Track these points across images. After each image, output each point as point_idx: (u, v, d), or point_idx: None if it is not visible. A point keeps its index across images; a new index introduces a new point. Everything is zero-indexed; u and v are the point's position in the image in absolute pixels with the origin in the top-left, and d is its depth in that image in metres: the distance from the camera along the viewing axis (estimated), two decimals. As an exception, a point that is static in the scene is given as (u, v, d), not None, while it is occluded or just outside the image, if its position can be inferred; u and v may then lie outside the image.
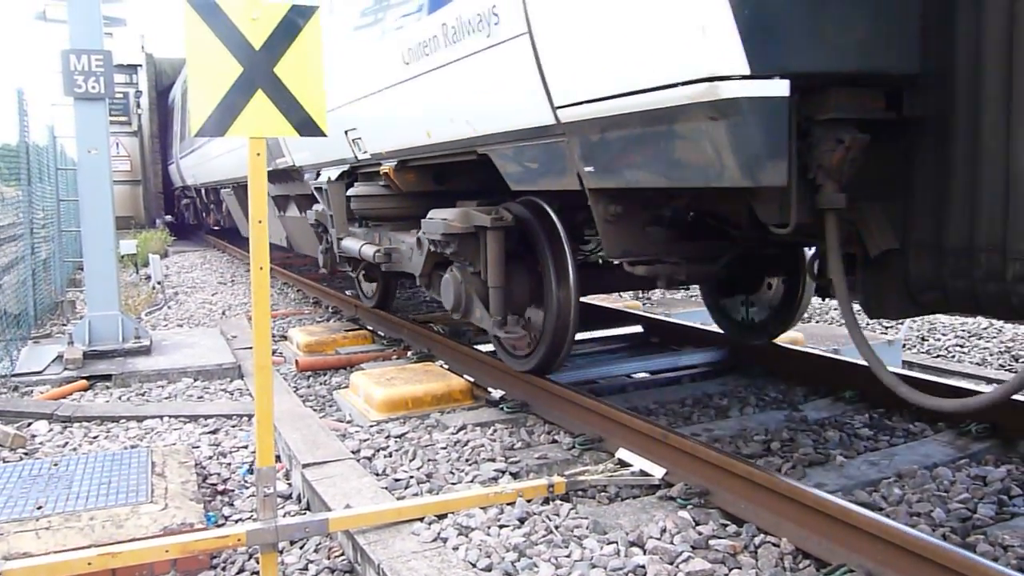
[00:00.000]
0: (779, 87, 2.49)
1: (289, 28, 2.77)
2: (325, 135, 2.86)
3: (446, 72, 4.24)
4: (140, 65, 24.01)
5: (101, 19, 6.65)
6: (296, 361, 6.28)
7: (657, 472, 3.51)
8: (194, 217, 22.13)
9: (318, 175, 7.25)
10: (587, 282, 4.66)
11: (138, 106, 24.40)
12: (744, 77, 2.47)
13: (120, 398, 5.57)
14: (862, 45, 2.62)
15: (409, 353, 6.36)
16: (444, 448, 4.12)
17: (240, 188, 12.97)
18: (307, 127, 2.83)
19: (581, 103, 3.26)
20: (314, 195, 7.55)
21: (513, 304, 4.73)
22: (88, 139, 6.43)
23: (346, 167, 6.54)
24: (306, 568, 3.14)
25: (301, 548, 3.29)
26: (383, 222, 6.26)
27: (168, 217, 23.89)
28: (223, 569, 3.17)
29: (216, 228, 19.70)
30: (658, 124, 2.87)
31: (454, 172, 5.39)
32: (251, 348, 2.83)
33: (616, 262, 4.07)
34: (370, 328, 7.37)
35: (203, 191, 18.74)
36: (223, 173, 13.43)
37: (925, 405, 2.78)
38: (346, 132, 5.89)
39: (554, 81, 3.40)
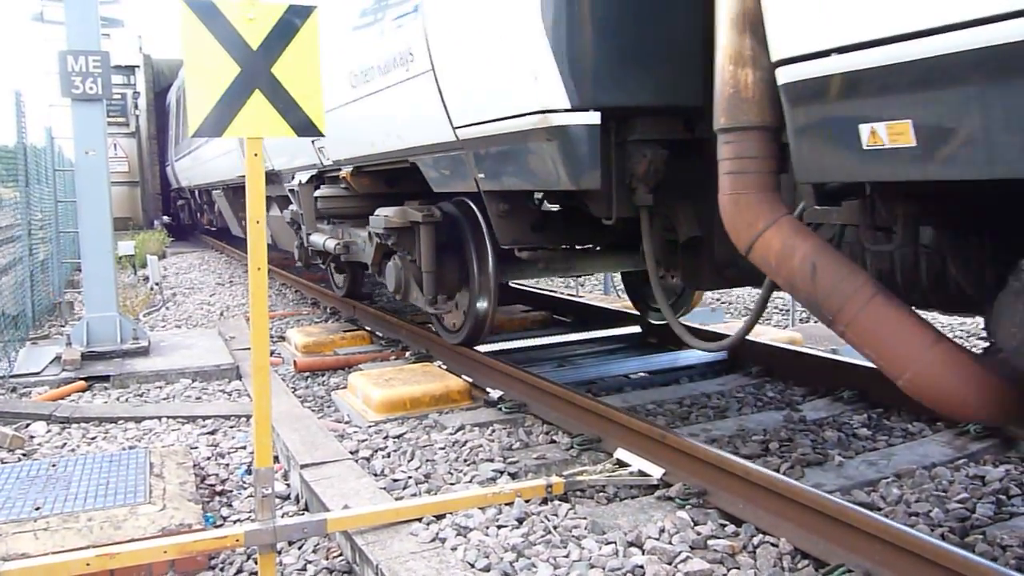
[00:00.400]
0: (592, 117, 3.44)
1: (286, 28, 2.76)
2: (323, 135, 2.87)
3: (381, 96, 5.14)
4: (138, 66, 23.97)
5: (99, 20, 6.65)
6: (294, 362, 6.28)
7: (655, 472, 3.51)
8: (189, 217, 22.71)
9: (292, 178, 8.02)
10: (506, 269, 5.46)
11: (136, 107, 24.36)
12: (567, 110, 3.42)
13: (118, 399, 5.57)
14: (658, 86, 3.57)
15: (407, 354, 6.36)
16: (442, 448, 4.11)
17: (230, 190, 13.82)
18: (305, 128, 2.83)
19: (471, 125, 4.18)
20: (289, 196, 8.48)
21: (445, 287, 5.63)
22: (85, 140, 6.43)
23: (314, 171, 7.35)
24: (304, 569, 3.13)
25: (299, 549, 3.29)
26: (344, 219, 7.14)
27: (165, 218, 23.88)
28: (221, 570, 3.17)
29: (210, 228, 20.21)
30: (519, 142, 3.80)
31: (401, 176, 6.01)
32: (249, 349, 2.83)
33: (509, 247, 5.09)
34: (368, 329, 7.36)
35: (197, 192, 19.27)
36: (215, 175, 14.13)
37: (693, 345, 3.88)
38: (312, 141, 6.81)
39: (452, 107, 4.31)
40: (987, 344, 2.38)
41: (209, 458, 4.36)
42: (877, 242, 2.64)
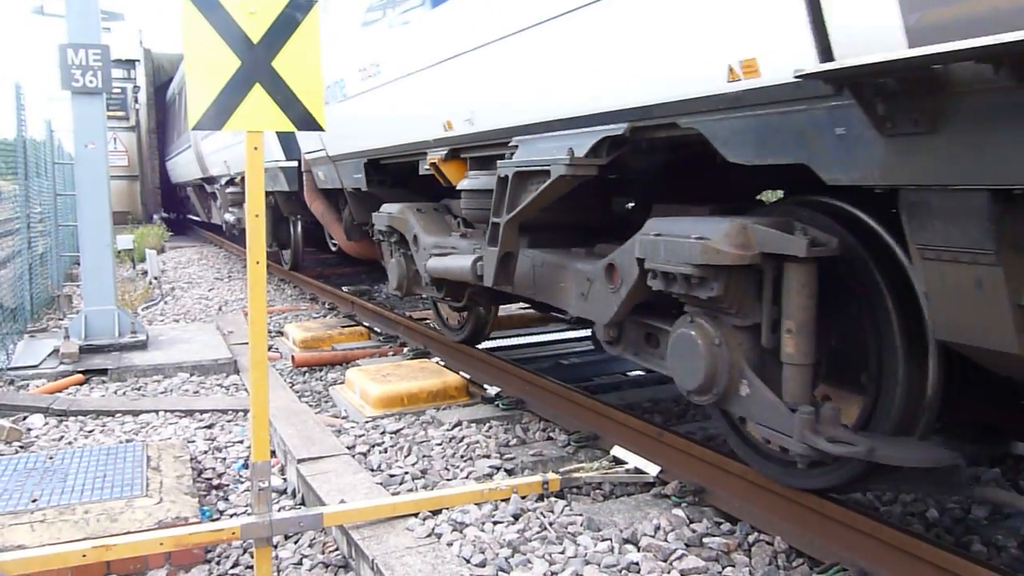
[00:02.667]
0: (293, 163, 9.45)
1: (287, 22, 2.76)
2: (323, 129, 2.87)
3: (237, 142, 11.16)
4: (138, 60, 23.95)
5: (99, 14, 6.64)
6: (292, 357, 6.28)
7: (652, 470, 3.51)
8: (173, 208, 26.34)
9: (217, 181, 15.38)
10: (306, 233, 11.58)
11: (136, 101, 24.35)
12: (285, 160, 9.60)
13: (116, 392, 5.56)
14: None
15: (405, 350, 6.36)
16: (439, 444, 4.12)
17: (194, 187, 19.80)
18: (305, 121, 2.82)
19: (268, 162, 8.79)
20: (216, 192, 16.20)
21: (280, 240, 11.79)
22: (85, 133, 6.42)
23: (228, 176, 13.73)
24: (300, 563, 3.13)
25: (295, 543, 3.29)
26: (240, 205, 12.87)
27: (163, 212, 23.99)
28: (217, 563, 3.17)
29: (187, 215, 24.39)
30: (276, 171, 9.62)
31: None
32: (247, 343, 2.82)
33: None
34: (367, 324, 7.37)
35: (178, 187, 23.73)
36: (187, 176, 19.27)
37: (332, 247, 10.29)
38: (224, 160, 13.47)
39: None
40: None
41: (206, 452, 4.36)
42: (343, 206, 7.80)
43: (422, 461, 3.89)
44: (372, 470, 3.81)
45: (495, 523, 3.10)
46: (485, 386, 4.95)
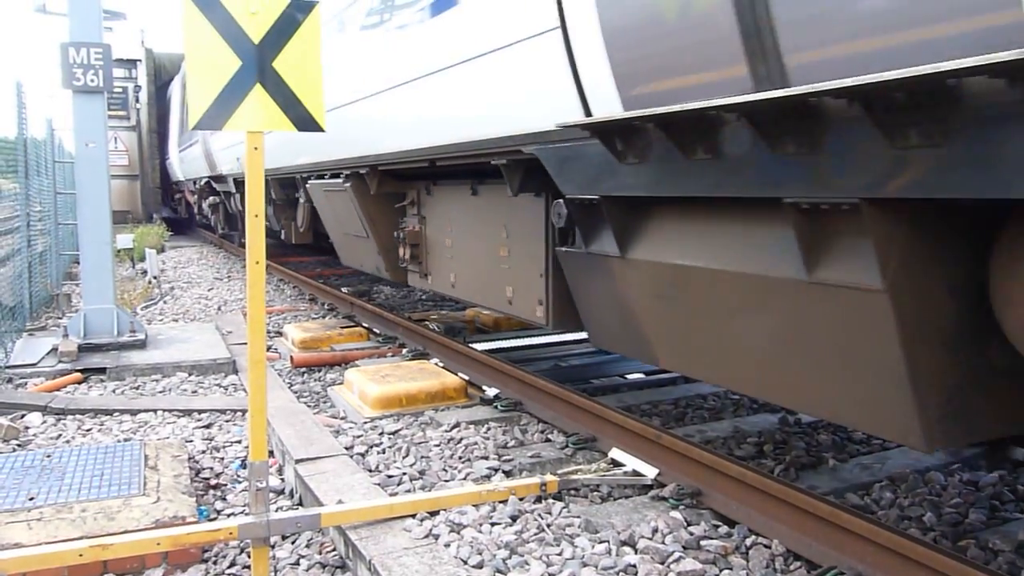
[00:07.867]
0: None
1: (288, 23, 2.76)
2: (323, 130, 2.86)
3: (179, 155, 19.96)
4: (139, 60, 23.96)
5: (101, 13, 6.64)
6: (291, 357, 6.28)
7: (650, 472, 3.51)
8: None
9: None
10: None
11: (137, 101, 24.35)
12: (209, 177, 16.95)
13: (114, 391, 5.56)
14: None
15: (404, 351, 6.36)
16: (437, 445, 4.12)
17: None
18: (305, 122, 2.82)
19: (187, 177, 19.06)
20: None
21: (225, 223, 17.03)
22: (86, 132, 6.42)
23: (179, 180, 21.26)
24: (297, 563, 3.13)
25: (293, 543, 3.29)
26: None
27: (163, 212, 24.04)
28: (214, 563, 3.16)
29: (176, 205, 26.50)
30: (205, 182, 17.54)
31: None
32: (246, 344, 2.82)
33: None
34: (366, 325, 7.37)
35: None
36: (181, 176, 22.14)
37: None
38: (174, 170, 21.50)
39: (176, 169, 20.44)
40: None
41: (204, 452, 4.36)
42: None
43: (420, 462, 3.89)
44: (370, 471, 3.81)
45: (493, 524, 3.10)
46: (484, 387, 4.95)
